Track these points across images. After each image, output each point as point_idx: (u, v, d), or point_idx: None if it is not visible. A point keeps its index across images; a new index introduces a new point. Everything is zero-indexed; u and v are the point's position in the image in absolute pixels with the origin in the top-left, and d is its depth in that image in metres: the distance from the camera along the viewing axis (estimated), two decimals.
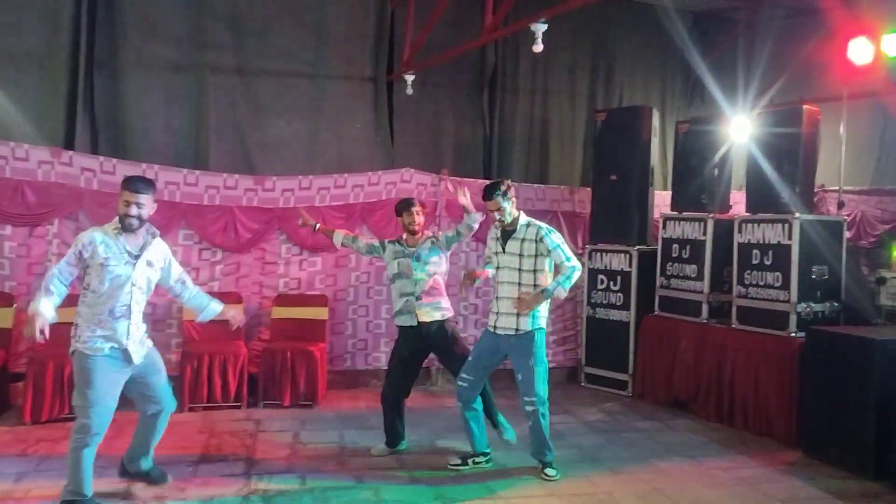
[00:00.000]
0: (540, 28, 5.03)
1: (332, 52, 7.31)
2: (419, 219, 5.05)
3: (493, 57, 7.89)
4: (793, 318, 5.74)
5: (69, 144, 6.41)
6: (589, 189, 7.60)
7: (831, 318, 5.87)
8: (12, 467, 4.61)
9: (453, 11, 7.09)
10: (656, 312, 6.93)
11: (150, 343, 4.20)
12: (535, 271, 4.66)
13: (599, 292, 7.26)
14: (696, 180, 6.78)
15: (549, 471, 4.75)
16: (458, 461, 4.88)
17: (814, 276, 5.83)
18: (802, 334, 5.60)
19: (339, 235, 5.31)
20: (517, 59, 8.01)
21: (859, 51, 6.02)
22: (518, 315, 4.63)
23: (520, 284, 4.64)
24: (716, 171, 6.71)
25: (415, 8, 6.95)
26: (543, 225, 4.75)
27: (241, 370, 6.12)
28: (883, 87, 6.25)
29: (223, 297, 6.46)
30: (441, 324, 4.99)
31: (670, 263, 6.82)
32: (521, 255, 4.66)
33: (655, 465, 5.07)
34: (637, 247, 7.05)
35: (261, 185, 6.67)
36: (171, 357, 6.40)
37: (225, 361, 6.05)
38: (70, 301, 4.04)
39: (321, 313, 6.61)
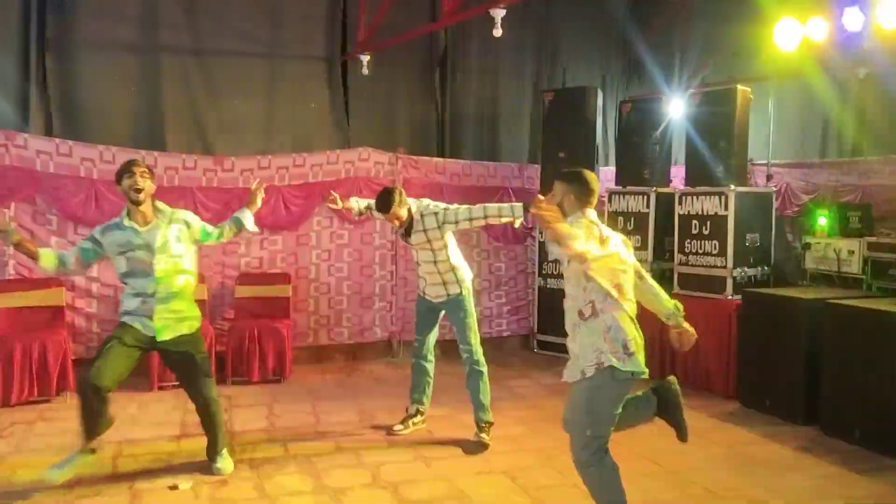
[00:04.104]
0: (499, 13, 5.26)
1: (286, 32, 7.36)
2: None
3: (444, 38, 8.06)
4: (729, 283, 6.24)
5: (23, 127, 6.31)
6: (537, 166, 7.94)
7: (763, 282, 6.39)
8: None
9: None
10: None
11: None
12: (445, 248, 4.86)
13: (550, 263, 7.63)
14: (638, 156, 7.21)
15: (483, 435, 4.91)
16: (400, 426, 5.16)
17: (747, 244, 6.34)
18: (738, 297, 6.10)
19: (50, 257, 4.10)
20: (466, 40, 8.21)
21: (785, 34, 6.50)
22: (445, 284, 4.93)
23: (436, 262, 4.89)
24: (656, 148, 7.16)
25: None
26: (436, 210, 4.82)
27: (209, 349, 6.19)
28: (807, 68, 6.77)
29: None
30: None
31: None
32: (429, 242, 4.84)
33: None
34: None
35: (220, 165, 6.72)
36: None
37: None
38: None
39: (284, 291, 6.75)
